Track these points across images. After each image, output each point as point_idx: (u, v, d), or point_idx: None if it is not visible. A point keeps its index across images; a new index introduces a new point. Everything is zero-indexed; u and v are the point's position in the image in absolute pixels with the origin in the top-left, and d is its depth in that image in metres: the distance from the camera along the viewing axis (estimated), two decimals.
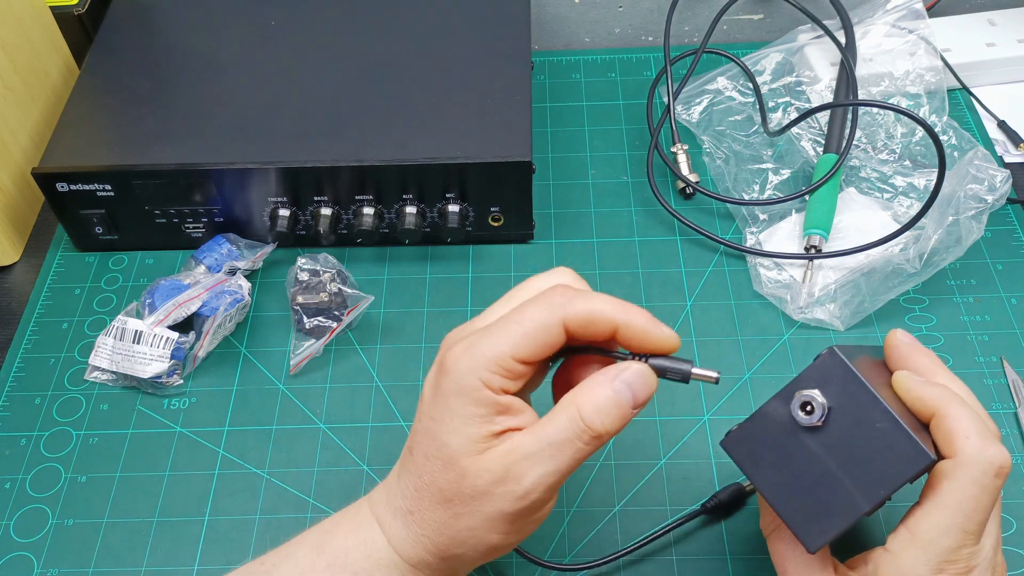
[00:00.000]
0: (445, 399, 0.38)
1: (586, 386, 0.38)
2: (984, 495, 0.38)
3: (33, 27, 0.68)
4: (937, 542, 0.38)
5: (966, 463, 0.39)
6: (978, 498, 0.38)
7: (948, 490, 0.39)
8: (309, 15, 0.70)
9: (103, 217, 0.63)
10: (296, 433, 0.56)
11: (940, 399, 0.40)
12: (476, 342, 0.38)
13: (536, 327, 0.37)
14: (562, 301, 0.38)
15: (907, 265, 0.58)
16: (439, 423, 0.38)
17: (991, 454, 0.38)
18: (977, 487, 0.38)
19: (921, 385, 0.41)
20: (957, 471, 0.39)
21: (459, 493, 0.38)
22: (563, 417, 0.37)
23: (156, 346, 0.57)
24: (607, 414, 0.38)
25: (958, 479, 0.38)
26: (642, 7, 0.80)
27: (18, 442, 0.56)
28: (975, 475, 0.38)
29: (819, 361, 0.40)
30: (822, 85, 0.71)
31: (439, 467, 0.38)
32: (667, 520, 0.51)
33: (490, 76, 0.64)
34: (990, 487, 0.38)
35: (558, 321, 0.38)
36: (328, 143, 0.60)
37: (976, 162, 0.59)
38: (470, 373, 0.37)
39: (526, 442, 0.37)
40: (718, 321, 0.60)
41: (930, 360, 0.43)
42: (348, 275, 0.61)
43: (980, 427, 0.39)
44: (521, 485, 0.37)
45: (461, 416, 0.38)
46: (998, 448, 0.39)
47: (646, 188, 0.68)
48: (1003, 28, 0.75)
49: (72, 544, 0.52)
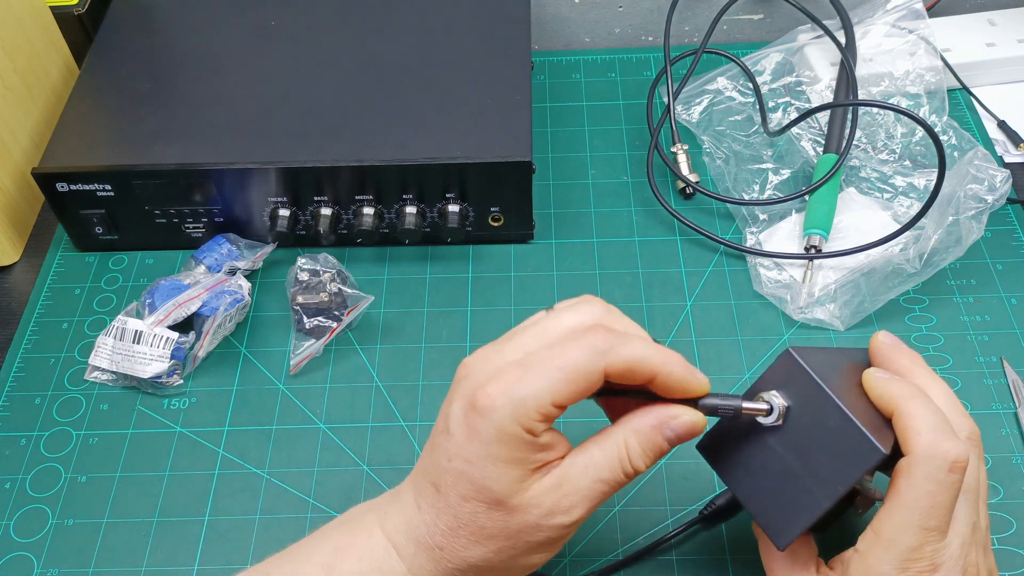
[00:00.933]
0: (485, 445, 0.37)
1: (636, 426, 0.39)
2: (940, 491, 0.38)
3: (33, 27, 0.68)
4: (899, 540, 0.38)
5: (919, 459, 0.38)
6: (934, 494, 0.38)
7: (904, 488, 0.39)
8: (309, 15, 0.70)
9: (103, 217, 0.63)
10: (296, 433, 0.56)
11: (899, 396, 0.40)
12: (515, 385, 0.37)
13: (578, 373, 0.37)
14: (604, 347, 0.37)
15: (907, 265, 0.58)
16: (477, 468, 0.37)
17: (943, 449, 0.38)
18: (931, 483, 0.38)
19: (884, 382, 0.41)
20: (912, 468, 0.39)
21: (505, 530, 0.38)
22: (613, 454, 0.38)
23: (156, 346, 0.57)
24: (650, 457, 0.39)
25: (912, 476, 0.38)
26: (642, 7, 0.80)
27: (18, 442, 0.56)
28: (928, 471, 0.38)
29: (777, 363, 0.41)
30: (822, 85, 0.71)
31: (482, 509, 0.38)
32: (666, 520, 0.51)
33: (490, 76, 0.64)
34: (945, 483, 0.38)
35: (600, 368, 0.37)
36: (328, 143, 0.60)
37: (976, 162, 0.59)
38: (512, 420, 0.36)
39: (574, 476, 0.38)
40: (718, 321, 0.60)
41: (911, 361, 0.43)
42: (348, 275, 0.61)
43: (936, 423, 0.39)
44: (571, 516, 0.38)
45: (504, 461, 0.37)
46: (952, 443, 0.38)
47: (646, 188, 0.68)
48: (1003, 28, 0.75)
49: (72, 544, 0.52)
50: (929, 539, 0.38)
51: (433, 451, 0.39)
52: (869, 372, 0.42)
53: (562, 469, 0.38)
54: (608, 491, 0.39)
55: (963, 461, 0.38)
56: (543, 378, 0.37)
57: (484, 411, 0.37)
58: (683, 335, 0.60)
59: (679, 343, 0.59)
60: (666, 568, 0.50)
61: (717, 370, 0.58)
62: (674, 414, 0.39)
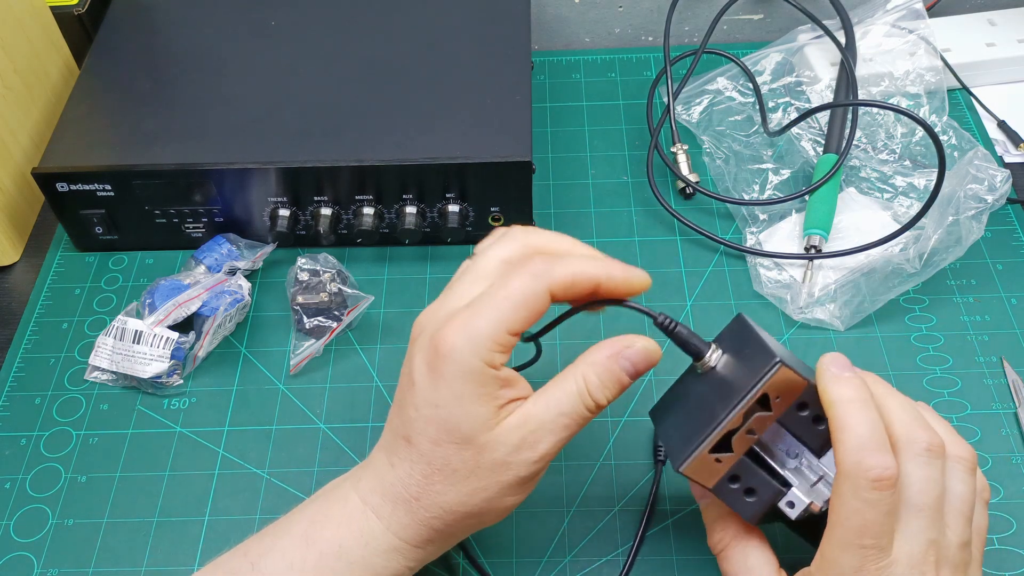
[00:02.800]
0: (449, 384, 0.39)
1: (592, 359, 0.40)
2: (866, 508, 0.37)
3: (33, 27, 0.68)
4: (839, 561, 0.38)
5: (842, 476, 0.38)
6: (862, 512, 0.37)
7: (835, 507, 0.38)
8: (309, 15, 0.70)
9: (103, 217, 0.63)
10: (296, 433, 0.56)
11: (836, 401, 0.39)
12: (469, 321, 0.39)
13: (525, 298, 0.39)
14: (544, 268, 0.39)
15: (907, 265, 0.58)
16: (445, 409, 0.39)
17: (866, 465, 0.37)
18: (858, 501, 0.37)
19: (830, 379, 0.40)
20: (839, 486, 0.38)
21: (477, 469, 0.39)
22: (572, 388, 0.40)
23: (156, 346, 0.57)
24: (610, 389, 0.40)
25: (841, 494, 0.38)
26: (642, 7, 0.80)
27: (18, 442, 0.56)
28: (852, 488, 0.37)
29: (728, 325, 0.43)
30: (822, 85, 0.71)
31: (452, 450, 0.39)
32: (666, 520, 0.51)
33: (490, 76, 0.64)
34: (872, 500, 0.37)
35: (544, 289, 0.39)
36: (328, 143, 0.60)
37: (976, 162, 0.59)
38: (472, 355, 0.38)
39: (537, 412, 0.40)
40: (718, 321, 0.60)
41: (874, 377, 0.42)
42: (348, 275, 0.61)
43: (865, 436, 0.38)
44: (536, 451, 0.39)
45: (469, 398, 0.39)
46: (878, 458, 0.37)
47: (646, 188, 0.68)
48: (1003, 28, 0.75)
49: (72, 544, 0.52)
50: (868, 557, 0.37)
51: (400, 407, 0.41)
52: (824, 360, 0.41)
53: (526, 407, 0.40)
54: (571, 425, 0.40)
55: (888, 478, 0.37)
56: (494, 310, 0.39)
57: (445, 354, 0.38)
58: None
59: None
60: (667, 568, 0.50)
61: None
62: (628, 343, 0.41)
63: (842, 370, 0.40)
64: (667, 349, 0.42)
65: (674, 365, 0.45)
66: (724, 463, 0.41)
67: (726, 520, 0.44)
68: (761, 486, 0.42)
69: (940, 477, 0.39)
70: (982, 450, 0.54)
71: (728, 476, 0.42)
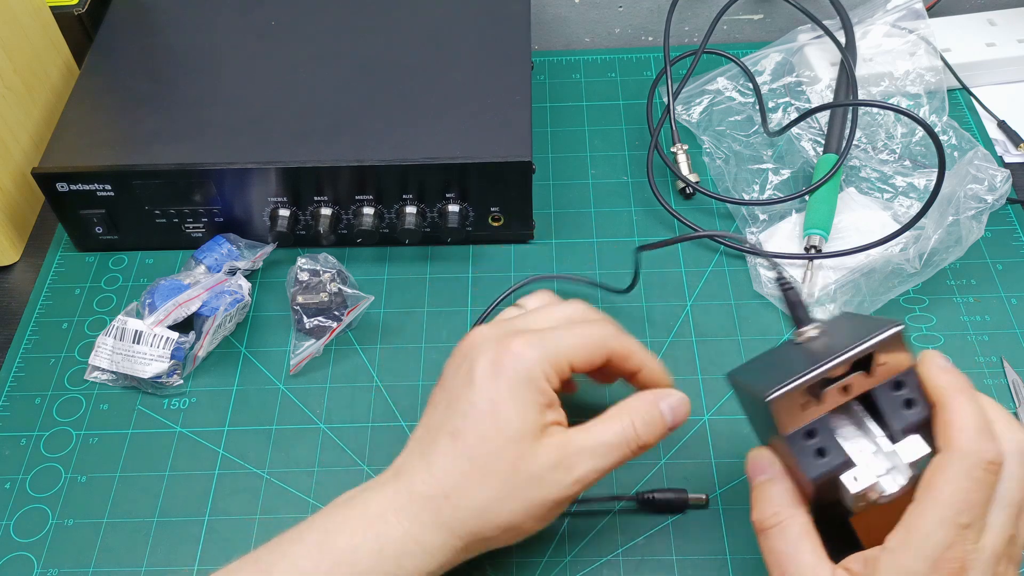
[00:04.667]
0: (510, 383, 0.42)
1: (638, 401, 0.44)
2: (975, 488, 0.38)
3: (33, 27, 0.68)
4: (932, 537, 0.38)
5: (956, 455, 0.38)
6: (969, 491, 0.38)
7: (939, 483, 0.38)
8: (309, 15, 0.70)
9: (103, 217, 0.63)
10: (296, 433, 0.56)
11: (947, 388, 0.40)
12: (544, 339, 0.43)
13: (594, 344, 0.44)
14: (613, 332, 0.45)
15: (907, 265, 0.58)
16: (503, 404, 0.41)
17: (982, 447, 0.38)
18: (967, 480, 0.38)
19: (938, 369, 0.41)
20: (948, 464, 0.38)
21: (514, 475, 0.41)
22: (617, 424, 0.43)
23: (156, 346, 0.57)
24: (654, 429, 0.44)
25: (948, 471, 0.38)
26: (642, 7, 0.80)
27: (18, 442, 0.56)
28: (965, 467, 0.38)
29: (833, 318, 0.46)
30: (822, 85, 0.71)
31: (497, 447, 0.41)
32: (666, 521, 0.51)
33: (490, 76, 0.64)
34: (981, 480, 0.38)
35: (609, 347, 0.44)
36: (328, 143, 0.60)
37: (976, 162, 0.59)
38: (537, 364, 0.42)
39: (579, 438, 0.42)
40: (718, 321, 0.60)
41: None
42: (348, 275, 0.61)
43: (978, 422, 0.39)
44: (571, 475, 0.41)
45: (525, 401, 0.41)
46: (991, 444, 0.38)
47: (646, 188, 0.68)
48: (1003, 28, 0.75)
49: (72, 544, 0.52)
50: (963, 537, 0.38)
51: (450, 405, 0.43)
52: (929, 354, 0.42)
53: (568, 433, 0.43)
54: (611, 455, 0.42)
55: (999, 462, 0.38)
56: (569, 338, 0.43)
57: (516, 354, 0.42)
58: (683, 335, 0.60)
59: (679, 343, 0.59)
60: (667, 568, 0.50)
61: (717, 370, 0.58)
62: (667, 393, 0.45)
63: (946, 360, 0.42)
64: None
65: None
66: (809, 412, 0.41)
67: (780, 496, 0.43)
68: (834, 450, 0.41)
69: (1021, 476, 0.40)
70: None
71: (806, 430, 0.41)
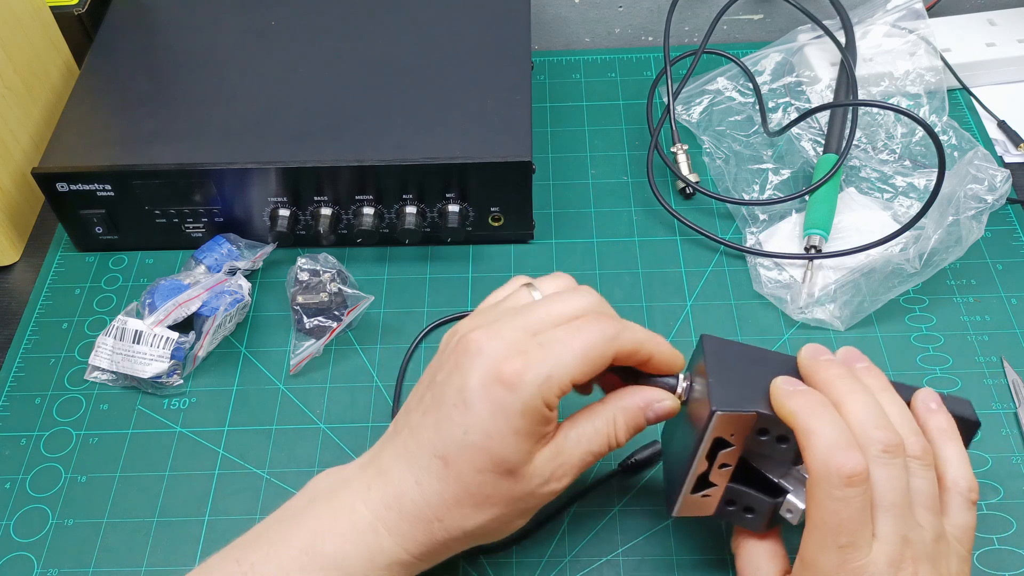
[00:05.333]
0: (508, 417, 0.39)
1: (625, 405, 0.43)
2: (842, 508, 0.37)
3: (33, 27, 0.68)
4: (819, 563, 0.38)
5: (815, 478, 0.39)
6: (837, 512, 0.38)
7: (811, 508, 0.39)
8: (309, 15, 0.70)
9: (103, 217, 0.63)
10: (296, 433, 0.56)
11: (797, 412, 0.40)
12: (541, 362, 0.39)
13: (595, 355, 0.40)
14: (614, 333, 0.41)
15: (907, 265, 0.58)
16: (497, 441, 0.39)
17: (836, 464, 0.38)
18: (832, 500, 0.38)
19: (785, 396, 0.41)
20: (812, 488, 0.39)
21: (508, 498, 0.40)
22: (602, 428, 0.42)
23: (156, 346, 0.57)
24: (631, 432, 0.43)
25: (815, 496, 0.39)
26: (642, 7, 0.80)
27: (18, 442, 0.56)
28: (826, 488, 0.38)
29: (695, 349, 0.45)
30: (822, 85, 0.71)
31: (492, 479, 0.40)
32: (666, 520, 0.51)
33: (490, 76, 0.64)
34: (845, 498, 0.37)
35: (612, 352, 0.41)
36: (328, 143, 0.60)
37: (976, 162, 0.59)
38: (537, 395, 0.39)
39: (568, 447, 0.42)
40: (718, 321, 0.60)
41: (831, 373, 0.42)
42: (348, 275, 0.61)
43: (831, 438, 0.38)
44: (562, 483, 0.41)
45: (523, 434, 0.39)
46: (847, 455, 0.38)
47: (646, 188, 0.68)
48: (1003, 28, 0.75)
49: (72, 544, 0.52)
50: (847, 557, 0.38)
51: (439, 424, 0.40)
52: (775, 383, 0.42)
53: (558, 440, 0.41)
54: (593, 461, 0.42)
55: (859, 473, 0.37)
56: (566, 356, 0.40)
57: (512, 386, 0.39)
58: (683, 335, 0.60)
59: (679, 343, 0.59)
60: (666, 568, 0.50)
61: None
62: (659, 398, 0.43)
63: (792, 385, 0.41)
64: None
65: None
66: (713, 496, 0.44)
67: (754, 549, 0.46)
68: (756, 503, 0.44)
69: (902, 474, 0.40)
70: (982, 450, 0.54)
71: (724, 502, 0.44)
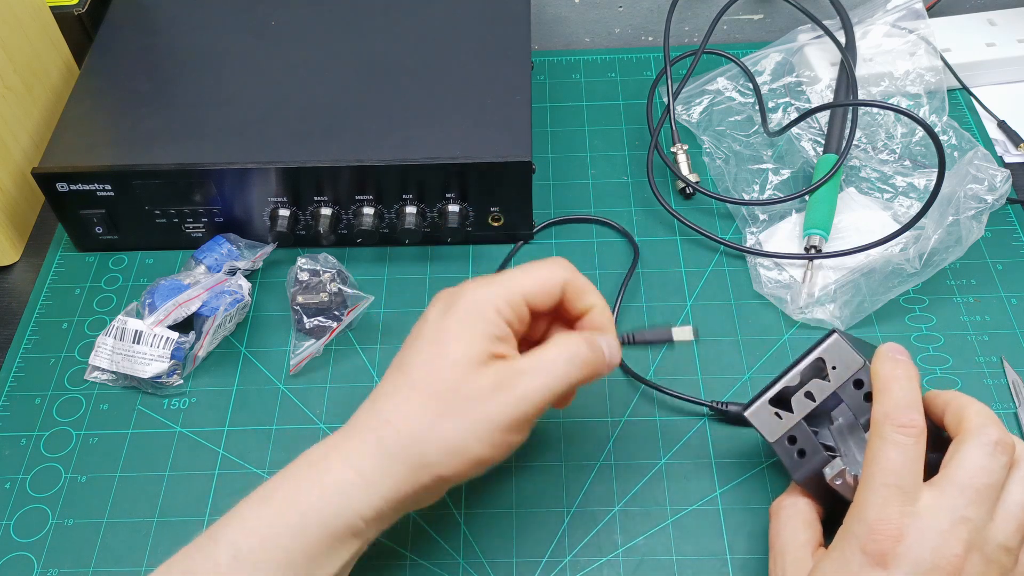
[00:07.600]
0: (458, 315, 0.43)
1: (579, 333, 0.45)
2: (891, 449, 0.41)
3: (33, 27, 0.68)
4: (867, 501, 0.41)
5: (873, 427, 0.42)
6: (885, 452, 0.41)
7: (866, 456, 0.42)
8: (309, 15, 0.70)
9: (103, 217, 0.63)
10: (296, 433, 0.56)
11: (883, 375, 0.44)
12: (492, 280, 0.44)
13: (545, 279, 0.44)
14: (567, 268, 0.45)
15: (907, 265, 0.58)
16: (445, 333, 0.43)
17: (895, 415, 0.42)
18: (882, 442, 0.42)
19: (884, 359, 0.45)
20: (870, 437, 0.43)
21: (453, 393, 0.42)
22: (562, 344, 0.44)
23: (156, 346, 0.57)
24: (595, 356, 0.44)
25: (870, 442, 0.42)
26: (642, 7, 0.80)
27: (18, 442, 0.56)
28: (879, 434, 0.42)
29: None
30: (822, 85, 0.71)
31: (438, 369, 0.42)
32: (666, 521, 0.52)
33: (490, 76, 0.64)
34: (896, 441, 0.41)
35: (561, 280, 0.45)
36: (328, 143, 0.60)
37: (976, 162, 0.59)
38: (485, 300, 0.43)
39: (523, 360, 0.43)
40: (718, 321, 0.60)
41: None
42: (348, 275, 0.61)
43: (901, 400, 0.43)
44: (514, 392, 0.42)
45: (472, 331, 0.43)
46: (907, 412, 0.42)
47: (646, 188, 0.68)
48: (1003, 28, 0.75)
49: (72, 544, 0.52)
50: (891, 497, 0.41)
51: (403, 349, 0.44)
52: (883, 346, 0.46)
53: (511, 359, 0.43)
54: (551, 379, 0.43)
55: (913, 426, 0.42)
56: (514, 277, 0.44)
57: (463, 292, 0.44)
58: None
59: (679, 342, 0.59)
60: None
61: (717, 370, 0.58)
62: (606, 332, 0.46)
63: (899, 354, 0.45)
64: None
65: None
66: (785, 421, 0.47)
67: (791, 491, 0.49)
68: (812, 450, 0.47)
69: (999, 472, 0.42)
70: None
71: (787, 436, 0.47)
